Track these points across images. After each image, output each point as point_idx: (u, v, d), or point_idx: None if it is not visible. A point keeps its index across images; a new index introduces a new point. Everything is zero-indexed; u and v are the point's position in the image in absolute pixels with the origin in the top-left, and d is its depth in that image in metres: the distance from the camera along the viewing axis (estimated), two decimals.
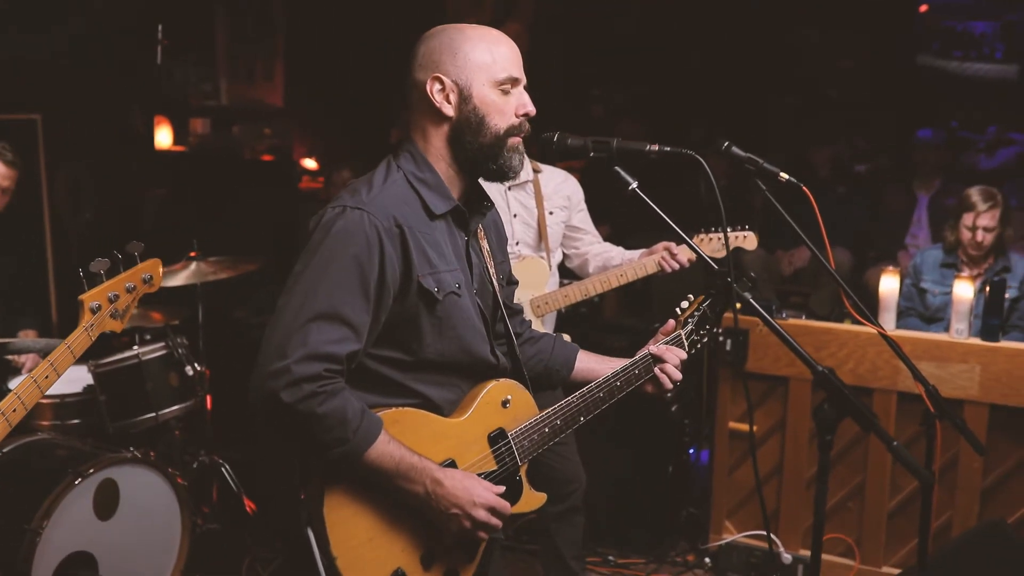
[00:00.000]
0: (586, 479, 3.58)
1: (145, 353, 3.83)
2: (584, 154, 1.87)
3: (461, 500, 1.99)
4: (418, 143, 2.10)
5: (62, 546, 3.22)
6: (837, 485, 4.03)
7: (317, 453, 1.93)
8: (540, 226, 3.39)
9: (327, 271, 1.91)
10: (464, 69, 2.02)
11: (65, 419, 3.84)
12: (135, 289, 2.27)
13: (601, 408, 2.27)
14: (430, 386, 2.08)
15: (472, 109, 2.03)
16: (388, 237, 1.95)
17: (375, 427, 1.94)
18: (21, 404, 2.04)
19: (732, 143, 2.65)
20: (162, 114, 6.57)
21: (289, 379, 1.85)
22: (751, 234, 3.41)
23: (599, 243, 3.55)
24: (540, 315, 3.34)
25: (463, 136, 2.05)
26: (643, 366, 2.32)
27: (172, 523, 3.58)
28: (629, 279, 3.32)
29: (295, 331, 1.87)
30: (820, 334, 3.97)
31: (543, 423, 2.20)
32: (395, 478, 1.96)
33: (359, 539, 1.97)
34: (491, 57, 2.03)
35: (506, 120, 2.05)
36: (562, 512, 3.55)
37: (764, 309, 4.02)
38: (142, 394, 3.80)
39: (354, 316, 1.91)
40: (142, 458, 3.49)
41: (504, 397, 2.17)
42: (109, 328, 2.23)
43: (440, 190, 2.07)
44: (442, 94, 2.03)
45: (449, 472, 2.01)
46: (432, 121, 2.07)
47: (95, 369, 3.76)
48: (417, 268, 1.99)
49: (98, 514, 3.33)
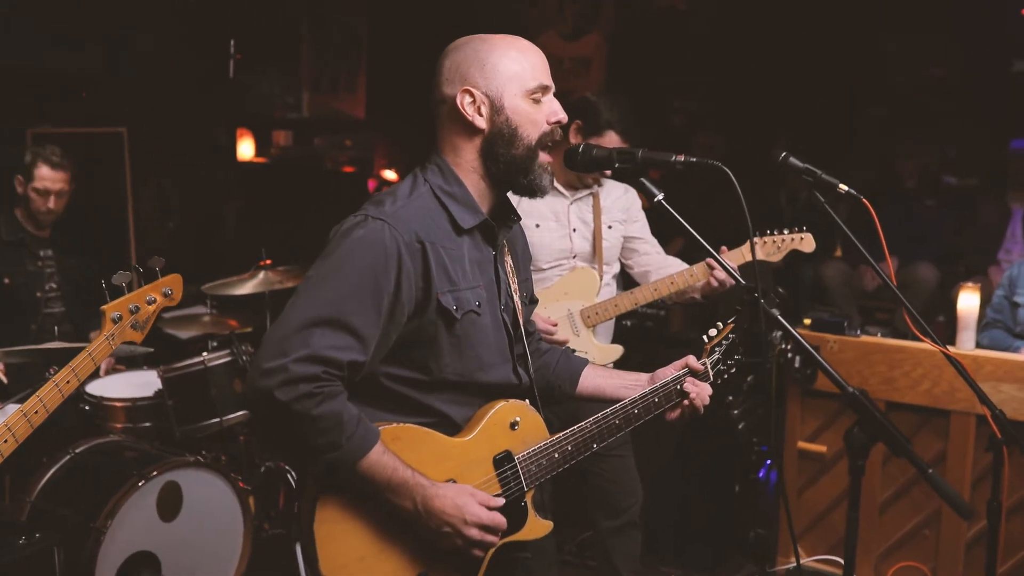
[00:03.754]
0: (644, 494, 3.52)
1: (211, 360, 3.92)
2: (609, 165, 1.82)
3: (453, 518, 1.91)
4: (447, 157, 2.06)
5: (126, 545, 3.31)
6: (912, 511, 3.87)
7: (309, 457, 1.87)
8: (596, 239, 3.34)
9: (341, 278, 1.87)
10: (494, 80, 1.98)
11: (137, 422, 3.96)
12: (155, 302, 2.32)
13: (616, 435, 2.18)
14: (449, 405, 2.03)
15: (505, 120, 1.99)
16: (408, 252, 1.90)
17: (371, 436, 1.89)
18: (43, 407, 2.11)
19: (790, 154, 2.58)
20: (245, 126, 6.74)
21: (285, 377, 1.79)
22: (808, 235, 3.30)
23: (660, 255, 3.48)
24: (591, 325, 3.29)
25: (496, 148, 2.01)
26: (664, 394, 2.23)
27: (234, 527, 3.64)
28: (679, 287, 3.24)
29: (298, 331, 1.82)
30: (893, 352, 3.82)
31: (553, 448, 2.10)
32: (386, 491, 1.89)
33: (349, 557, 1.91)
34: (520, 66, 1.99)
35: (538, 129, 2.01)
36: (619, 527, 3.49)
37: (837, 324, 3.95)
38: (207, 399, 3.89)
39: (362, 327, 1.86)
40: (205, 462, 3.57)
41: (513, 419, 2.08)
42: (129, 338, 2.29)
43: (468, 204, 2.03)
44: (473, 107, 1.99)
45: (442, 488, 1.93)
46: (463, 134, 2.03)
47: (164, 374, 3.87)
48: (437, 285, 1.94)
49: (161, 515, 3.41)
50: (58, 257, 4.33)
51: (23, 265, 4.20)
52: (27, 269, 4.21)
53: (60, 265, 4.32)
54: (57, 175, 4.20)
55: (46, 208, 4.21)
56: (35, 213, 4.21)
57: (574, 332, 3.29)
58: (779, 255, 3.30)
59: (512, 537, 2.06)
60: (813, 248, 3.30)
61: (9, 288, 4.15)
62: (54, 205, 4.22)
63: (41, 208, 4.20)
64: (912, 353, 3.78)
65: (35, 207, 4.20)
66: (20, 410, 2.07)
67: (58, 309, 4.30)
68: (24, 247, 4.22)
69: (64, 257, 4.34)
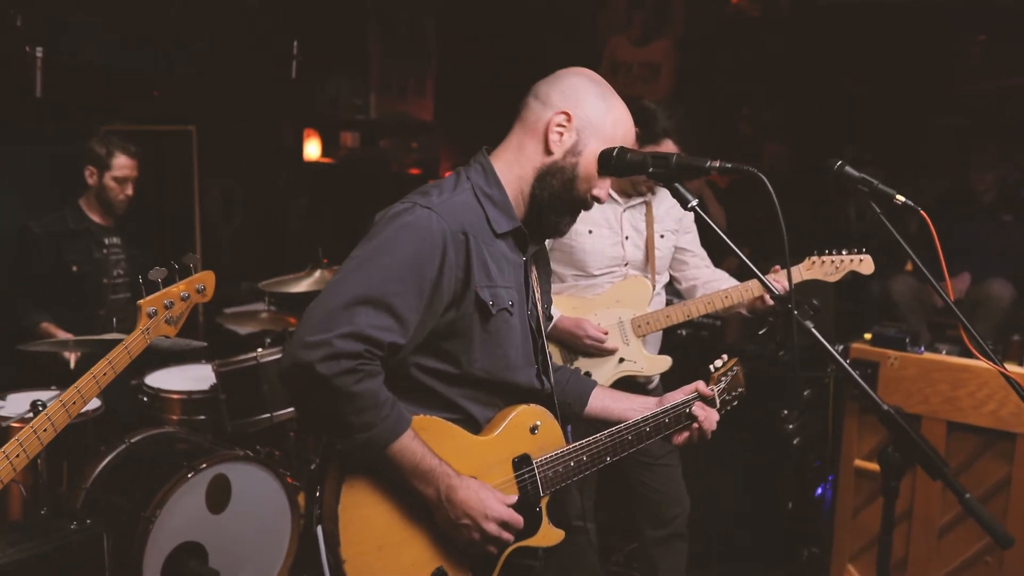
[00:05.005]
0: (695, 507, 3.46)
1: (263, 356, 3.98)
2: (643, 169, 1.79)
3: (474, 511, 1.94)
4: (502, 156, 2.09)
5: (174, 535, 3.37)
6: (974, 536, 3.71)
7: (342, 435, 1.88)
8: (648, 248, 3.30)
9: (387, 260, 1.88)
10: (593, 129, 2.03)
11: (192, 415, 4.04)
12: (189, 298, 2.36)
13: (629, 451, 2.23)
14: (473, 403, 2.05)
15: (574, 164, 2.03)
16: (453, 243, 1.93)
17: (404, 421, 1.91)
18: (81, 398, 2.16)
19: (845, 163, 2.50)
20: (312, 127, 6.84)
21: (328, 351, 1.80)
22: (867, 257, 3.22)
23: (709, 268, 3.42)
24: (641, 335, 3.24)
25: (550, 178, 2.04)
26: (674, 416, 2.29)
27: (282, 521, 3.69)
28: (733, 301, 3.18)
29: (343, 308, 1.83)
30: (958, 371, 3.67)
31: (569, 456, 2.13)
32: (411, 477, 1.91)
33: (369, 544, 1.93)
34: (616, 137, 2.04)
35: (587, 192, 2.06)
36: (664, 537, 3.45)
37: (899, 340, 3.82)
38: (259, 395, 3.95)
39: (404, 310, 1.88)
40: (254, 456, 3.62)
41: (534, 423, 2.11)
42: (163, 332, 2.34)
43: (505, 209, 2.05)
44: (560, 130, 2.03)
45: (465, 480, 1.95)
46: (534, 145, 2.06)
47: (218, 369, 3.94)
48: (476, 278, 1.96)
49: (210, 507, 3.47)
50: (124, 245, 4.46)
51: (89, 253, 4.34)
52: (93, 257, 4.35)
53: (126, 253, 4.45)
54: (132, 163, 4.38)
55: (123, 195, 4.36)
56: (111, 201, 4.36)
57: (624, 341, 3.25)
58: (836, 275, 3.23)
59: (525, 542, 2.09)
60: (872, 271, 3.22)
61: (77, 276, 4.29)
62: (131, 191, 4.39)
63: (119, 196, 4.35)
64: (977, 372, 3.63)
65: (112, 195, 4.35)
66: (59, 400, 2.13)
67: (124, 295, 4.42)
68: (90, 235, 4.36)
69: (129, 246, 4.47)
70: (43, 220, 4.27)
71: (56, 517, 3.01)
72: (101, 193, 4.35)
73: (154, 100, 5.20)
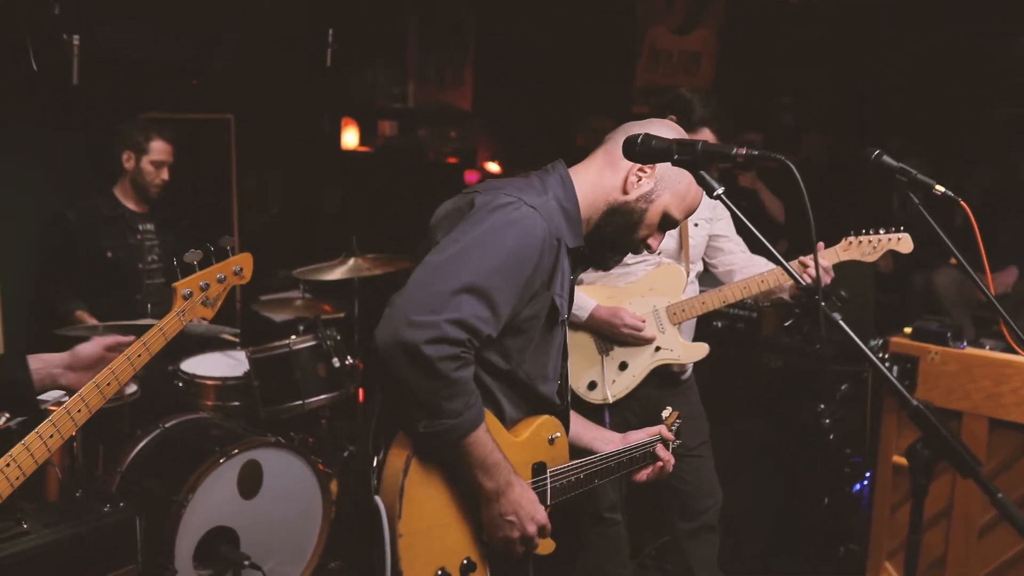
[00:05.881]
0: (730, 501, 3.42)
1: (296, 343, 4.00)
2: (668, 156, 1.76)
3: (522, 511, 2.00)
4: (580, 176, 2.12)
5: (206, 519, 3.41)
6: (1015, 536, 3.55)
7: (429, 417, 1.89)
8: (682, 238, 3.25)
9: (493, 250, 1.90)
10: (670, 184, 2.09)
11: (226, 400, 4.08)
12: (225, 280, 2.36)
13: (612, 477, 2.33)
14: (507, 400, 2.10)
15: (641, 211, 2.09)
16: (548, 245, 1.97)
17: (482, 414, 1.95)
18: (115, 379, 2.18)
19: (883, 152, 2.45)
20: (350, 116, 6.86)
21: (436, 334, 1.81)
22: (906, 236, 3.15)
23: (745, 254, 3.37)
24: (676, 323, 3.21)
25: (618, 216, 2.10)
26: (641, 453, 2.39)
27: (313, 507, 3.71)
28: (770, 286, 3.13)
29: (450, 293, 1.85)
30: (1001, 367, 3.57)
31: (573, 471, 2.22)
32: (476, 468, 1.95)
33: (424, 523, 1.97)
34: (686, 199, 2.12)
35: (642, 241, 2.13)
36: (695, 530, 3.41)
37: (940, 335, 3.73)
38: (291, 382, 3.98)
39: (502, 304, 1.92)
40: (285, 443, 3.64)
41: (553, 434, 2.19)
42: (200, 315, 2.34)
43: (576, 226, 2.09)
44: (641, 175, 2.08)
45: (521, 481, 2.03)
46: (614, 180, 2.11)
47: (251, 355, 3.96)
48: (555, 284, 2.02)
49: (242, 492, 3.50)
50: (157, 232, 4.50)
51: (124, 239, 4.39)
52: (128, 243, 4.39)
53: (160, 239, 4.49)
54: (169, 147, 4.44)
55: (160, 180, 4.42)
56: (147, 186, 4.41)
57: (659, 329, 3.21)
58: (874, 255, 3.16)
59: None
60: (911, 249, 3.16)
61: (112, 261, 4.34)
62: (167, 176, 4.44)
63: (155, 180, 4.41)
64: (1021, 368, 3.53)
65: (149, 179, 4.40)
66: (93, 381, 2.15)
67: (158, 280, 4.47)
68: (124, 221, 4.41)
69: (162, 232, 4.51)
70: (77, 207, 4.33)
71: (90, 499, 3.05)
72: (138, 177, 4.40)
73: (192, 89, 5.23)
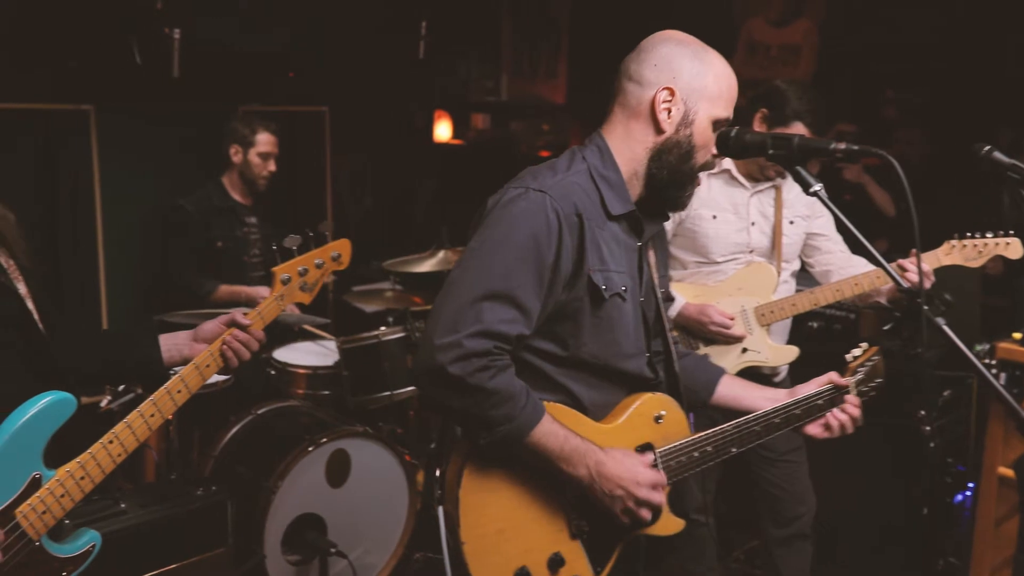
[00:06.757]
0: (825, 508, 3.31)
1: (385, 334, 4.04)
2: (762, 151, 1.69)
3: (625, 480, 1.93)
4: (611, 138, 2.04)
5: (295, 506, 3.47)
6: None
7: (485, 430, 1.87)
8: (775, 235, 3.15)
9: (505, 250, 1.87)
10: (698, 93, 1.97)
11: (316, 389, 4.14)
12: (323, 265, 2.38)
13: (756, 442, 2.14)
14: (580, 385, 2.02)
15: (688, 135, 1.98)
16: (567, 224, 1.90)
17: (540, 408, 1.90)
18: (214, 361, 2.24)
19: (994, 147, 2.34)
20: (443, 109, 6.88)
21: (460, 352, 1.80)
22: (1015, 240, 2.99)
23: (844, 254, 3.24)
24: (765, 324, 3.11)
25: (666, 155, 1.99)
26: (806, 408, 2.19)
27: (399, 498, 3.74)
28: (864, 289, 3.01)
29: (468, 306, 1.84)
30: None
31: (693, 447, 2.08)
32: (558, 460, 1.91)
33: (489, 528, 1.94)
34: (721, 91, 1.98)
35: (706, 156, 2.00)
36: (787, 537, 3.33)
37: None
38: (380, 372, 4.01)
39: (527, 300, 1.87)
40: (373, 433, 3.67)
41: (658, 412, 2.09)
42: (298, 300, 2.36)
43: (620, 191, 2.01)
44: (667, 106, 1.97)
45: (610, 452, 1.95)
46: (643, 126, 2.01)
47: (342, 345, 4.01)
48: (589, 261, 1.93)
49: (330, 481, 3.55)
50: (261, 224, 4.60)
51: (232, 230, 4.50)
52: (235, 234, 4.51)
53: (261, 233, 4.59)
54: (273, 139, 4.55)
55: (267, 171, 4.53)
56: (255, 178, 4.52)
57: (747, 330, 3.13)
58: (980, 260, 3.01)
59: (650, 529, 2.07)
60: (1021, 255, 2.99)
61: (221, 251, 4.45)
62: (273, 167, 4.55)
63: (263, 172, 4.52)
64: None
65: (256, 171, 4.51)
66: (193, 363, 2.19)
67: (260, 273, 4.58)
68: (233, 213, 4.52)
69: (264, 225, 4.61)
70: (191, 197, 4.45)
71: (185, 483, 3.13)
72: (246, 170, 4.51)
73: (288, 81, 5.33)
